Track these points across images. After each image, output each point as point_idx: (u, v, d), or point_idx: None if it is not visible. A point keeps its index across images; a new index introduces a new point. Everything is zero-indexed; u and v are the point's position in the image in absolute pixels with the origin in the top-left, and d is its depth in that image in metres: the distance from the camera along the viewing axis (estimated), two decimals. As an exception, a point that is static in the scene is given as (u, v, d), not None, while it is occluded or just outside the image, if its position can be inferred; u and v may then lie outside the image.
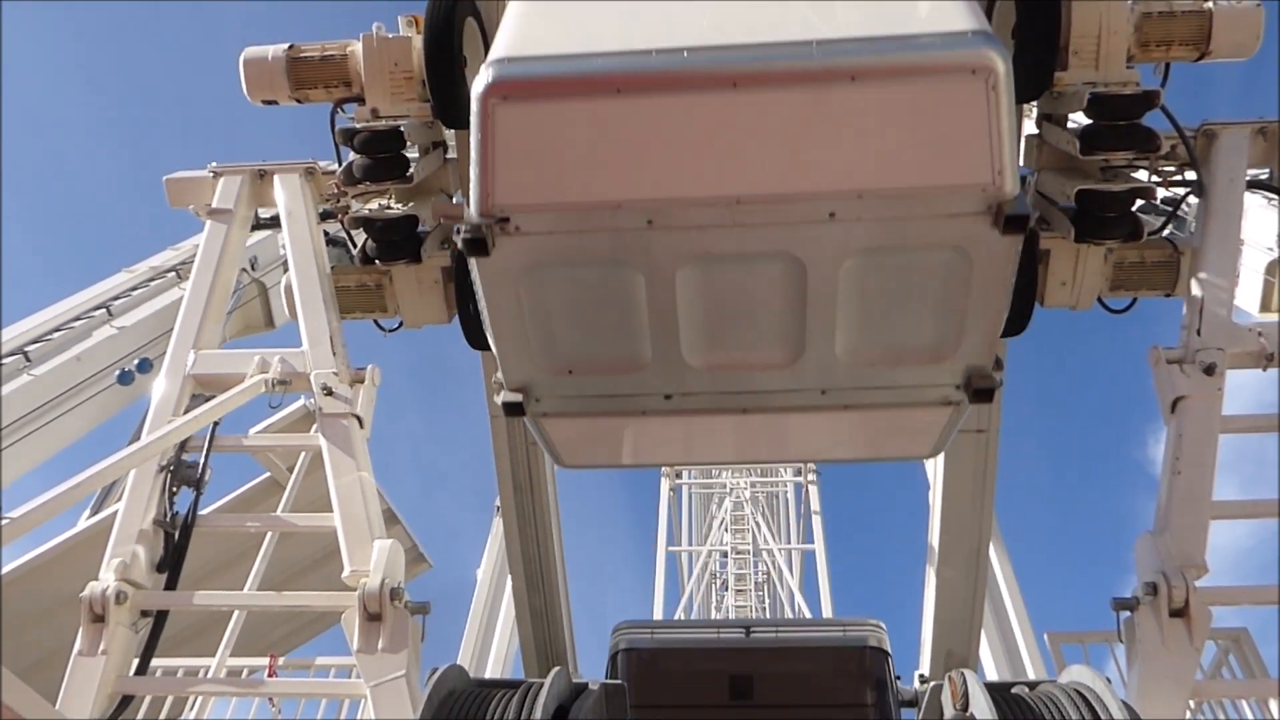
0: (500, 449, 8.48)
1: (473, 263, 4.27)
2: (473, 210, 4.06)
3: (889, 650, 8.23)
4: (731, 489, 30.64)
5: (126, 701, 5.26)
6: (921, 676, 8.75)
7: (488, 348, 7.41)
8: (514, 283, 4.33)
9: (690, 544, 29.02)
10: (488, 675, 10.75)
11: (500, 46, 4.14)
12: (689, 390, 4.74)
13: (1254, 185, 6.93)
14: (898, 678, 8.41)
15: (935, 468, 8.78)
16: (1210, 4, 6.29)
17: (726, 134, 4.02)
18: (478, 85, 3.98)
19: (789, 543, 28.51)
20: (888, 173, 3.97)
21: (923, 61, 3.91)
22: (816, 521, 24.97)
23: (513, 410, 4.82)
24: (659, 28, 4.18)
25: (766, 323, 4.50)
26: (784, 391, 4.75)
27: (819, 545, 24.22)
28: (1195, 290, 6.26)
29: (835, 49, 3.92)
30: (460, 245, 4.13)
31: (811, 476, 25.46)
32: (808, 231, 4.11)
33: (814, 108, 3.95)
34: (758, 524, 29.70)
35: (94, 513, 9.00)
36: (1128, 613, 5.28)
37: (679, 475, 27.86)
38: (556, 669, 4.13)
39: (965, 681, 3.94)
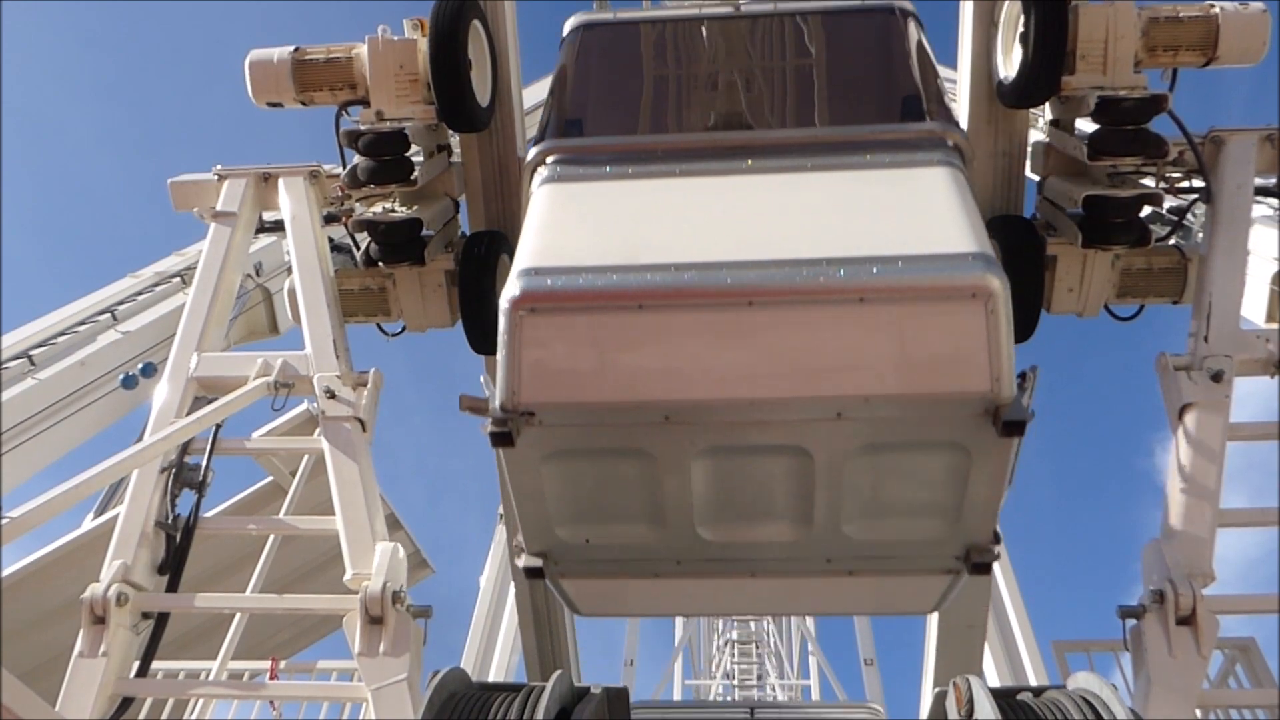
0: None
1: (498, 450, 4.47)
2: (498, 404, 4.29)
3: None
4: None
5: (127, 704, 5.23)
6: None
7: (490, 352, 7.47)
8: (536, 467, 4.52)
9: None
10: (490, 680, 10.70)
11: (526, 253, 4.42)
12: (700, 557, 4.94)
13: (1261, 192, 6.90)
14: None
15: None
16: (1217, 10, 6.27)
17: (742, 344, 4.28)
18: (506, 294, 4.24)
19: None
20: (892, 380, 4.20)
21: (927, 284, 4.16)
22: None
23: (533, 575, 5.07)
24: (678, 238, 4.47)
25: (775, 505, 4.71)
26: (791, 560, 4.97)
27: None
28: (1203, 297, 6.22)
29: (844, 269, 4.16)
30: (487, 437, 4.38)
31: None
32: (816, 428, 4.35)
33: (824, 323, 4.24)
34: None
35: (98, 515, 8.99)
36: (1134, 621, 5.23)
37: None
38: (558, 672, 4.11)
39: (970, 687, 3.90)
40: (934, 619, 9.07)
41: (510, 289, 4.22)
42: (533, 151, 5.16)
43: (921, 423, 4.25)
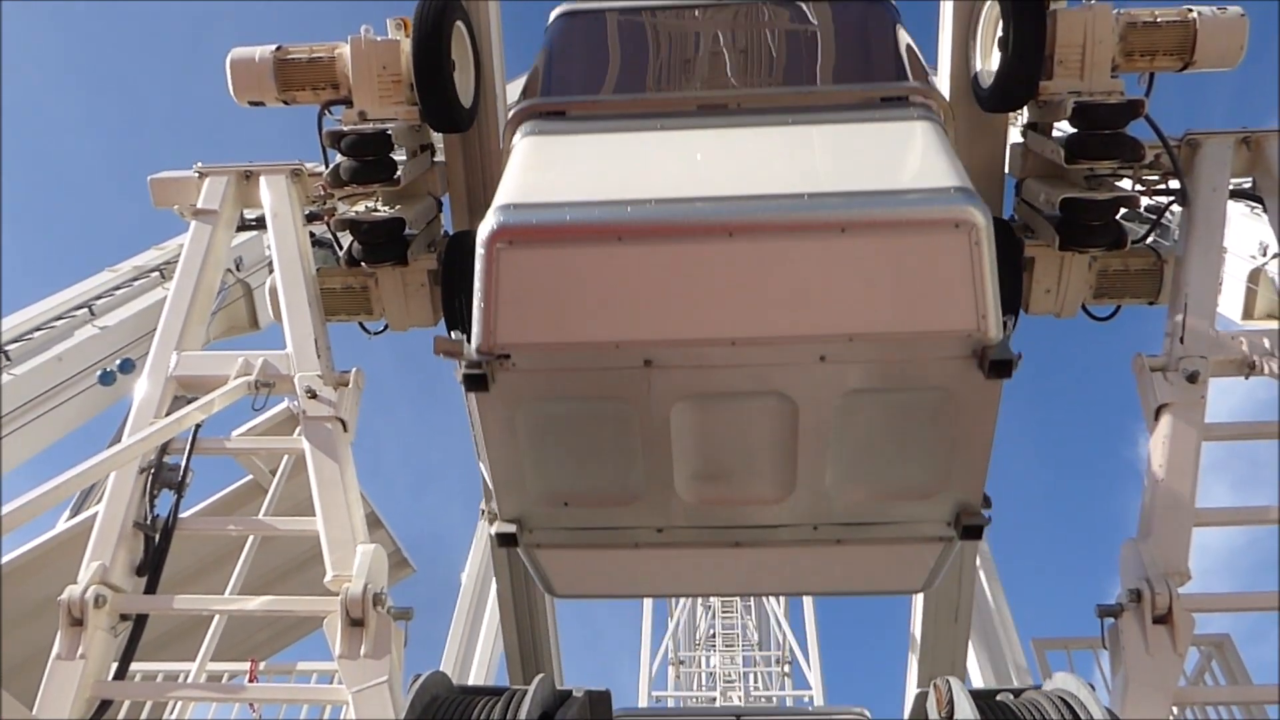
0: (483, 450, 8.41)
1: (470, 396, 4.32)
2: (473, 346, 4.13)
3: None
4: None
5: (105, 706, 5.20)
6: None
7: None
8: (511, 417, 4.40)
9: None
10: (471, 682, 10.70)
11: (505, 192, 4.26)
12: (681, 524, 4.81)
13: (1237, 194, 6.97)
14: None
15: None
16: (1194, 14, 6.32)
17: (722, 280, 4.11)
18: (483, 229, 4.07)
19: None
20: (876, 318, 4.10)
21: (909, 215, 4.07)
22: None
23: (506, 541, 4.87)
24: (659, 178, 4.36)
25: (759, 459, 4.58)
26: (776, 526, 4.85)
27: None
28: (1178, 299, 6.29)
29: (826, 202, 4.05)
30: (461, 381, 4.21)
31: None
32: (799, 372, 4.24)
33: (806, 257, 4.06)
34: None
35: (73, 515, 8.92)
36: (1112, 619, 5.29)
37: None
38: (541, 675, 4.11)
39: (950, 689, 3.94)
40: (918, 614, 9.12)
41: (487, 223, 4.09)
42: (514, 111, 5.08)
43: (906, 366, 4.19)
